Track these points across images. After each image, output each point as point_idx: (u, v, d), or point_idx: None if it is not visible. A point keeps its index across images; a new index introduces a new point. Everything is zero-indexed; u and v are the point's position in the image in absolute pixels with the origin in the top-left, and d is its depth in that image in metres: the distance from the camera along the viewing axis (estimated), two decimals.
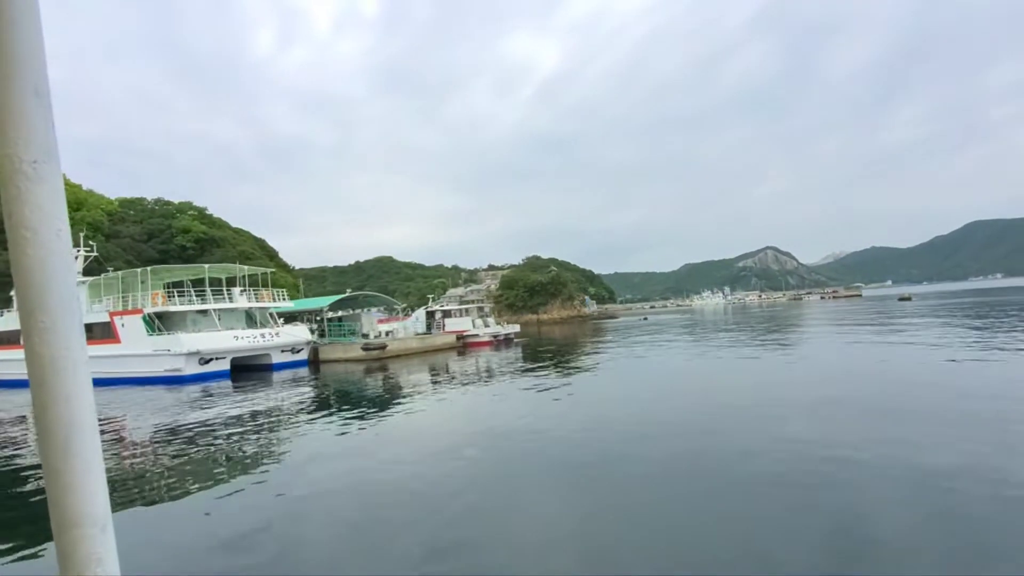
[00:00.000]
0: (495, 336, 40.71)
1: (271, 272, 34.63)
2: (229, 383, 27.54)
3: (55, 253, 0.85)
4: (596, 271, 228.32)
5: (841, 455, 8.55)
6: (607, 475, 8.49)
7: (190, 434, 14.60)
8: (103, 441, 15.15)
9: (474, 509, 7.43)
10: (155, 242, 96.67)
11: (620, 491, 7.79)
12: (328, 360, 33.77)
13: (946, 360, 18.31)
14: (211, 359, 28.56)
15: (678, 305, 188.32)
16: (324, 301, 38.45)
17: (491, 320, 43.53)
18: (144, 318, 29.05)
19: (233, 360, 29.75)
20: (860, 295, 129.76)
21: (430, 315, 41.90)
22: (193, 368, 27.91)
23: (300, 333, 33.35)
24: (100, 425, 18.06)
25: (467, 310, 42.73)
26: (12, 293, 37.16)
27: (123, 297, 31.88)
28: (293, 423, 15.59)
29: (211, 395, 23.49)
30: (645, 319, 78.66)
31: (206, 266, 31.15)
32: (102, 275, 32.31)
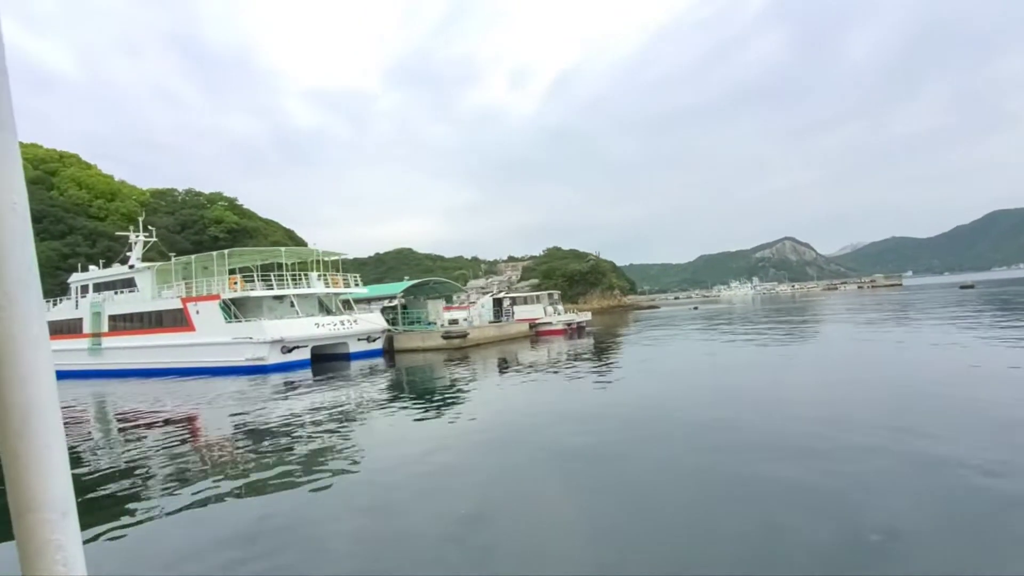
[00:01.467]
0: (568, 324, 38.65)
1: (344, 257, 32.66)
2: (310, 373, 25.80)
3: (11, 227, 0.84)
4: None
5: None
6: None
7: (288, 428, 13.00)
8: (198, 437, 13.49)
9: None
10: (188, 233, 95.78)
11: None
12: (405, 349, 31.89)
13: None
14: (294, 348, 26.76)
15: (704, 296, 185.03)
16: (397, 287, 36.49)
17: (560, 308, 41.44)
18: (221, 304, 27.27)
19: (312, 349, 27.96)
20: (901, 284, 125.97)
21: (497, 303, 39.88)
22: (276, 357, 26.13)
23: (377, 321, 31.48)
24: (191, 419, 16.02)
25: (537, 297, 40.66)
26: (69, 281, 35.66)
27: (190, 283, 30.15)
28: (393, 415, 13.93)
29: (296, 386, 21.91)
30: (695, 308, 76.33)
31: (282, 249, 29.23)
32: (172, 260, 30.51)
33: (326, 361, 28.65)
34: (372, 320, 31.14)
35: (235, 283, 27.58)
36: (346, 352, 29.57)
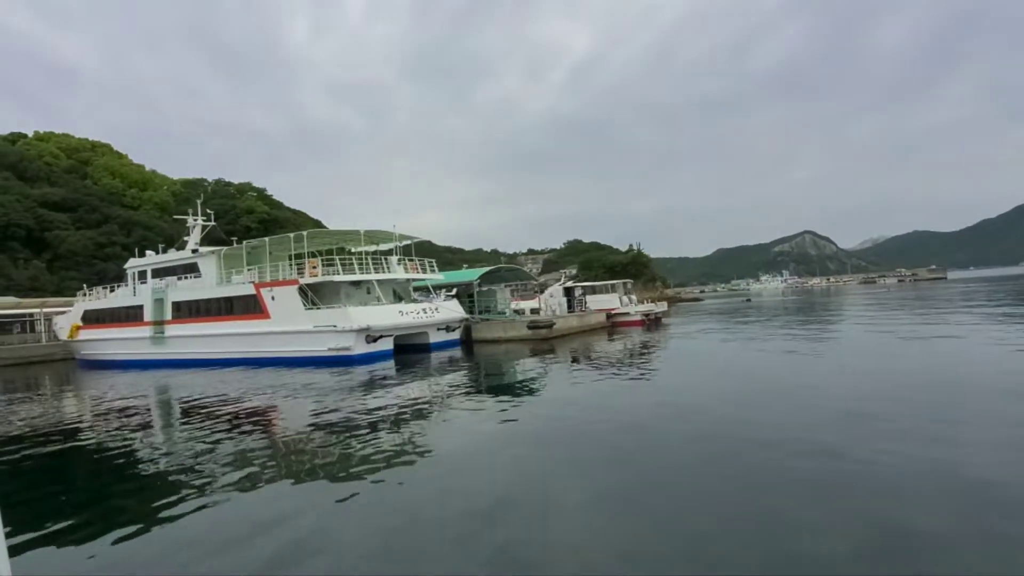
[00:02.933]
0: (647, 315, 36.33)
1: (419, 240, 30.51)
2: (392, 365, 23.79)
3: None
4: None
5: None
6: None
7: (382, 427, 11.26)
8: (280, 433, 11.73)
9: None
10: (220, 223, 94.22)
11: None
12: (484, 340, 29.75)
13: None
14: (379, 337, 24.75)
15: (731, 290, 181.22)
16: (473, 274, 34.33)
17: (634, 297, 39.10)
18: (299, 290, 25.31)
19: (395, 339, 25.94)
20: (945, 278, 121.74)
21: (568, 292, 37.62)
22: (361, 347, 24.12)
23: (457, 310, 29.39)
24: (269, 413, 14.33)
25: (612, 286, 38.35)
26: (126, 267, 34.06)
27: (262, 268, 28.25)
28: (505, 419, 11.62)
29: (384, 378, 19.97)
30: (748, 300, 73.62)
31: (361, 230, 27.13)
32: (244, 243, 28.56)
33: (406, 352, 26.63)
34: (453, 308, 29.04)
35: (315, 267, 25.58)
36: (426, 342, 27.53)
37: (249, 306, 26.72)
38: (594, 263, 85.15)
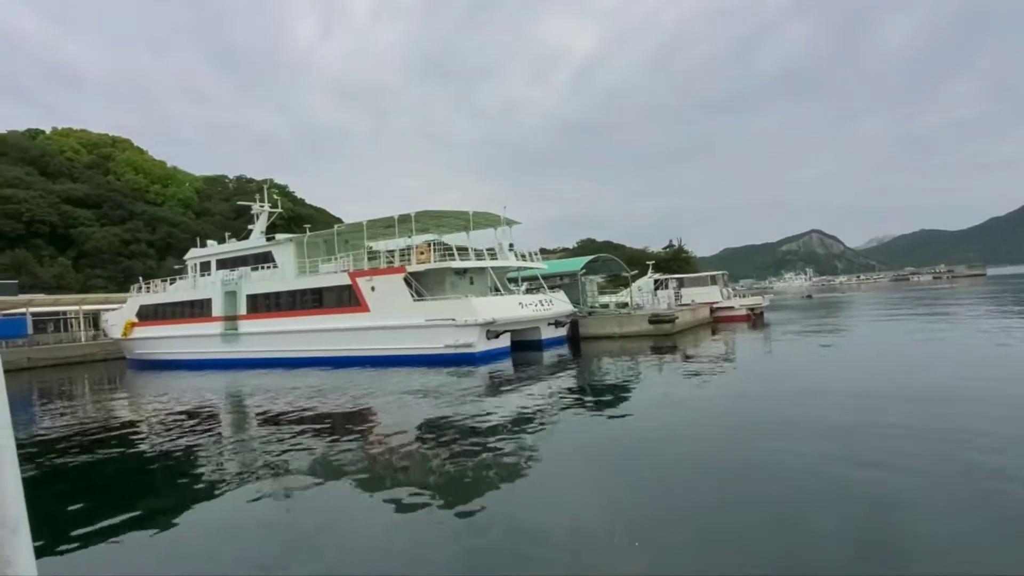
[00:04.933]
0: (752, 309, 33.29)
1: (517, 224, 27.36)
2: (510, 365, 20.80)
3: None
4: None
5: None
6: None
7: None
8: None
9: None
10: (243, 220, 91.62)
11: None
12: (594, 336, 26.67)
13: None
14: (500, 333, 21.74)
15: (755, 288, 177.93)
16: (576, 263, 31.20)
17: (731, 290, 36.10)
18: (406, 279, 22.28)
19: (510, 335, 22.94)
20: (985, 275, 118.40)
21: (659, 284, 34.60)
22: (483, 344, 21.11)
23: (566, 302, 26.36)
24: (396, 426, 11.52)
25: (713, 278, 35.25)
26: (186, 258, 31.13)
27: (353, 256, 25.26)
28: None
29: (510, 380, 17.13)
30: (809, 297, 70.67)
31: (470, 211, 24.03)
32: (335, 227, 25.44)
33: (516, 349, 23.64)
34: (563, 301, 26.02)
35: (423, 252, 22.55)
36: (538, 339, 24.50)
37: (343, 298, 23.69)
38: (632, 259, 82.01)
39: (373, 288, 22.85)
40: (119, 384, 24.13)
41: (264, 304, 26.15)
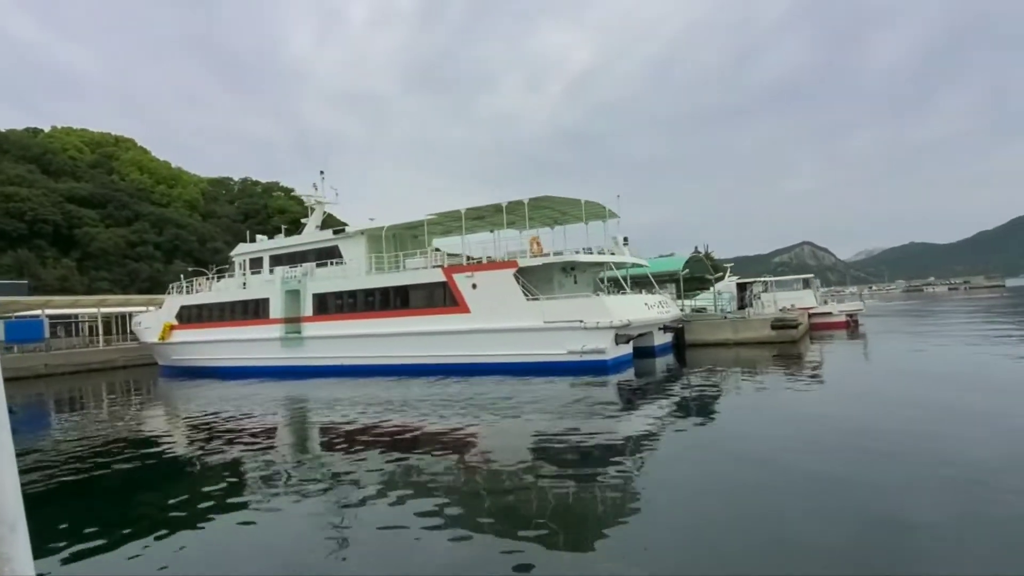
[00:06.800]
0: (850, 316, 30.70)
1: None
2: (633, 372, 17.98)
3: None
4: None
5: None
6: None
7: None
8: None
9: None
10: (251, 222, 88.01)
11: None
12: (703, 343, 23.81)
13: None
14: (631, 338, 18.87)
15: None
16: (677, 263, 28.33)
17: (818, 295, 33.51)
18: (515, 275, 19.35)
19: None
20: (1004, 285, 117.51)
21: (742, 288, 31.93)
22: (614, 351, 18.20)
23: (673, 305, 23.58)
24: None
25: (806, 281, 32.68)
26: (232, 254, 27.97)
27: (430, 253, 22.31)
28: None
29: (645, 391, 14.91)
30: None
31: (582, 200, 21.11)
32: (426, 216, 22.36)
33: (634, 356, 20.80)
34: (671, 304, 23.22)
35: (536, 243, 19.64)
36: (651, 344, 21.66)
37: (435, 297, 20.67)
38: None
39: (474, 286, 19.85)
40: (161, 396, 20.88)
41: (335, 304, 23.04)
